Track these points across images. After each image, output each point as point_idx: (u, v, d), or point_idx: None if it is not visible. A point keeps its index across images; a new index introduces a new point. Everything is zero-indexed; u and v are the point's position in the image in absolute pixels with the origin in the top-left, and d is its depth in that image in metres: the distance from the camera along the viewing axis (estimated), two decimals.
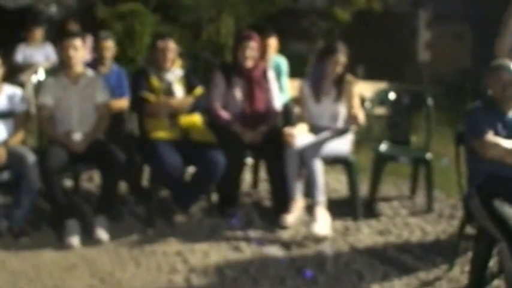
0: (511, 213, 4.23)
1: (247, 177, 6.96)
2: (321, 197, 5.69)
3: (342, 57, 5.93)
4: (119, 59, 7.25)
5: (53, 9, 13.87)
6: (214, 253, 5.21)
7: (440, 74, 12.99)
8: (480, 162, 4.58)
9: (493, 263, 4.63)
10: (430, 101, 6.57)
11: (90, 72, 5.84)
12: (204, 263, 5.04)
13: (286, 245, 5.41)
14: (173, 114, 5.74)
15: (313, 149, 5.70)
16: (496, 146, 4.50)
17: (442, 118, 7.45)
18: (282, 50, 8.12)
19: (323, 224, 5.57)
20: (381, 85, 9.30)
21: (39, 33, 9.80)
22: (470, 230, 4.92)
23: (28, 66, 9.42)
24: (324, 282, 4.83)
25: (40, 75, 7.39)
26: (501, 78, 4.69)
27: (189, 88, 5.92)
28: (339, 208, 5.98)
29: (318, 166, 5.68)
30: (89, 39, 7.91)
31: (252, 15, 13.25)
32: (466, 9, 14.09)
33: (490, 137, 4.53)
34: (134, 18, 12.16)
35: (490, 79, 4.78)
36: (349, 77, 6.00)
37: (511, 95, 4.66)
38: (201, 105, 5.94)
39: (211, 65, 11.63)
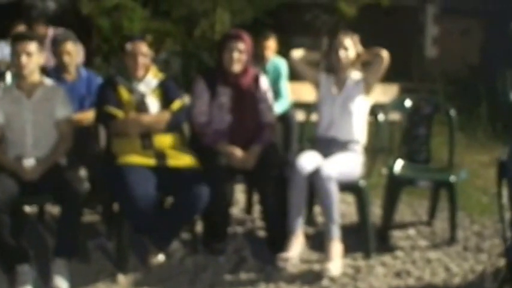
0: None
1: (239, 197, 6.05)
2: (337, 231, 4.79)
3: (345, 40, 5.15)
4: (106, 57, 6.58)
5: (50, 3, 13.13)
6: None
7: (448, 71, 12.33)
8: None
9: None
10: (452, 112, 5.63)
11: (48, 81, 4.87)
12: None
13: None
14: (146, 134, 4.75)
15: (330, 169, 4.76)
16: None
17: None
18: (285, 46, 7.29)
19: (338, 263, 4.74)
20: (393, 88, 8.45)
21: (20, 30, 9.07)
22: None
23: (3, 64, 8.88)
24: None
25: (8, 79, 6.55)
26: None
27: (166, 101, 4.92)
28: (347, 238, 4.96)
29: (335, 191, 4.75)
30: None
31: (250, 9, 12.41)
32: (476, 3, 13.42)
33: None
34: (121, 13, 11.30)
35: None
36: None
37: None
38: (181, 122, 4.98)
39: (205, 64, 10.91)
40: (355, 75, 5.22)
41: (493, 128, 9.49)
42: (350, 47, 5.15)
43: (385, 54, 5.10)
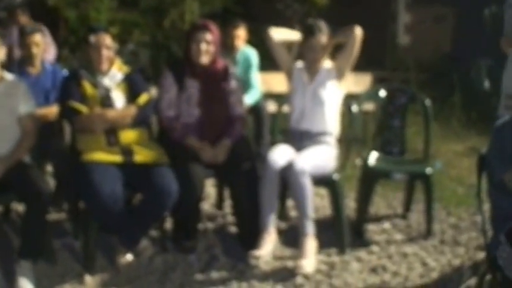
0: None
1: (210, 192, 5.89)
2: (311, 227, 4.63)
3: (321, 38, 4.99)
4: (73, 49, 6.39)
5: None
6: None
7: (421, 59, 12.19)
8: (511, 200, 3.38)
9: None
10: (428, 102, 5.49)
11: (9, 76, 4.66)
12: None
13: None
14: (112, 130, 4.56)
15: (303, 163, 4.61)
16: None
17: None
18: (255, 36, 7.13)
19: (312, 260, 4.59)
20: (365, 78, 8.34)
21: None
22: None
23: None
24: None
25: None
26: None
27: (132, 95, 4.74)
28: (321, 233, 4.81)
29: (308, 186, 4.59)
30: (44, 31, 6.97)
31: None
32: None
33: None
34: (88, 3, 11.08)
35: None
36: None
37: None
38: (148, 116, 4.81)
39: (175, 55, 10.72)
40: (328, 64, 5.08)
41: (467, 117, 9.37)
42: (325, 42, 5.00)
43: (357, 31, 4.95)
